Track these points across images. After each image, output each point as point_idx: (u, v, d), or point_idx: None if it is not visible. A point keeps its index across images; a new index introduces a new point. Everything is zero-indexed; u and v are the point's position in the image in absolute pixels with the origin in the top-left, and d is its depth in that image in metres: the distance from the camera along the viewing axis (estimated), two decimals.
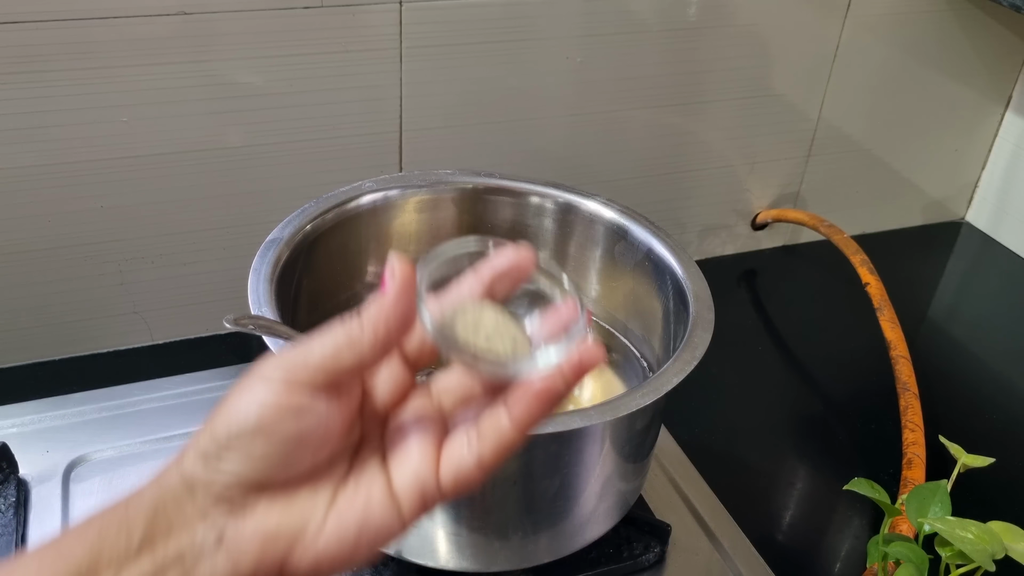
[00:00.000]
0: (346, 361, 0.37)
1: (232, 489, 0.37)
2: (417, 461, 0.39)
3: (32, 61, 0.73)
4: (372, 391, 0.41)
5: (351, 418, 0.39)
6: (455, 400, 0.41)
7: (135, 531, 0.37)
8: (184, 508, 0.37)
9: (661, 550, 0.70)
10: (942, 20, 1.04)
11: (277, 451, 0.37)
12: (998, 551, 0.58)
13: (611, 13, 0.89)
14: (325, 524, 0.38)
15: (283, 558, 0.38)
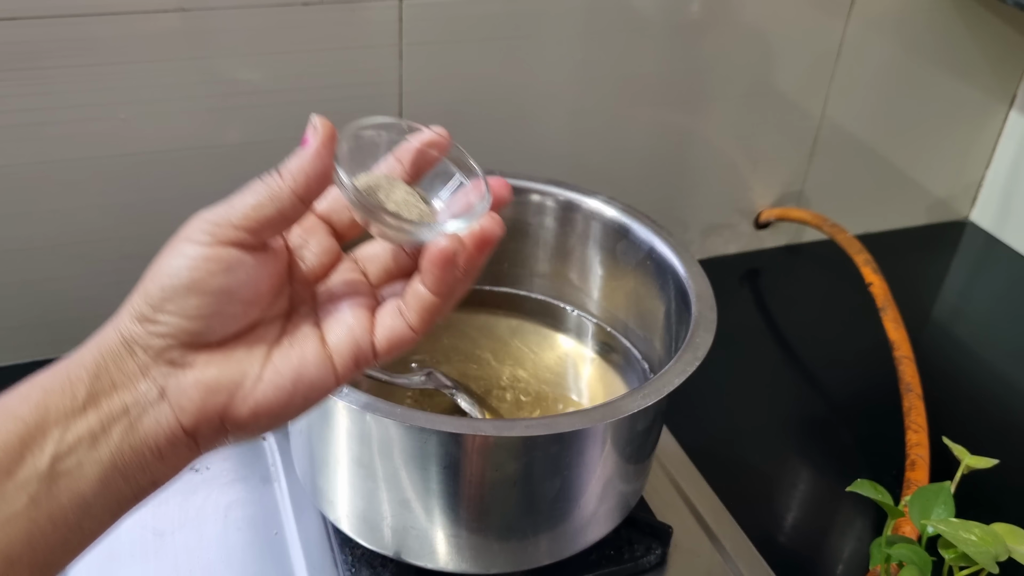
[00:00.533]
0: (267, 212, 0.40)
1: (170, 346, 0.39)
2: (351, 323, 0.42)
3: (30, 57, 0.72)
4: (300, 257, 0.44)
5: (280, 277, 0.42)
6: (379, 269, 0.45)
7: (79, 389, 0.38)
8: (125, 366, 0.39)
9: (662, 552, 0.69)
10: (946, 18, 1.04)
11: (210, 306, 0.39)
12: (1001, 553, 0.57)
13: (613, 10, 0.88)
14: (262, 376, 0.41)
15: (223, 408, 0.40)
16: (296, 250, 0.44)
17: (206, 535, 0.69)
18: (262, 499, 0.72)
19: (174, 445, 0.40)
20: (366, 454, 0.58)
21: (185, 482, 0.73)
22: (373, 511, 0.60)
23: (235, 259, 0.39)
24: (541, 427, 0.54)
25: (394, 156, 0.45)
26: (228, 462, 0.75)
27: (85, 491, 0.38)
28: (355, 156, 0.44)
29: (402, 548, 0.61)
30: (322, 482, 0.63)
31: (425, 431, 0.54)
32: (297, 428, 0.64)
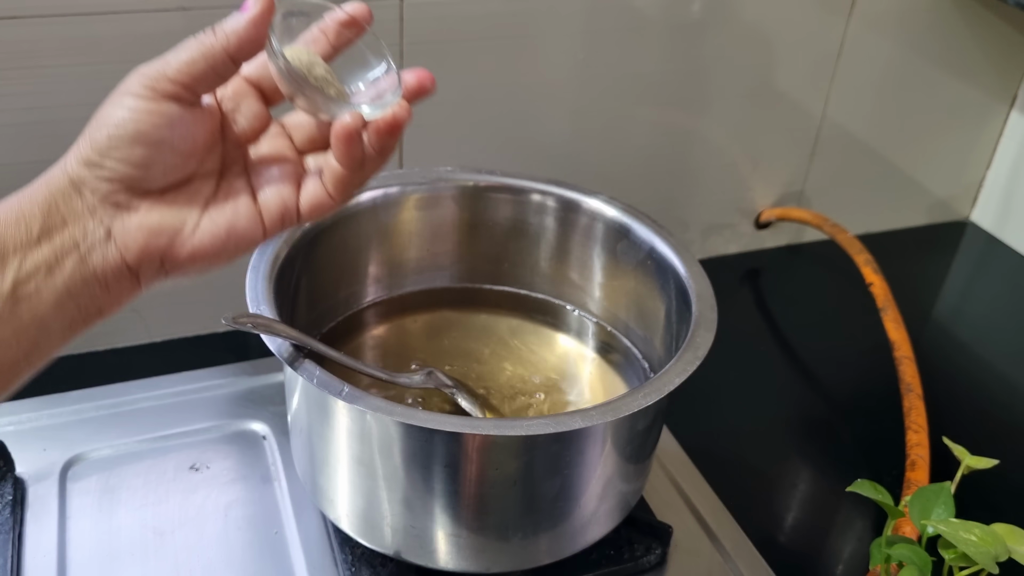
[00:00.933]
0: (200, 68, 0.44)
1: (116, 190, 0.45)
2: (280, 186, 0.48)
3: (32, 56, 0.73)
4: (232, 120, 0.48)
5: (213, 134, 0.47)
6: (304, 137, 0.51)
7: (33, 224, 0.43)
8: (74, 205, 0.44)
9: (662, 552, 0.69)
10: (947, 18, 1.04)
11: (151, 156, 0.44)
12: (1002, 553, 0.57)
13: (614, 10, 0.88)
14: (200, 225, 0.47)
15: (164, 250, 0.46)
16: (228, 113, 0.48)
17: (206, 534, 0.69)
18: (262, 498, 0.72)
19: (119, 279, 0.46)
20: (366, 453, 0.58)
21: (185, 481, 0.73)
22: (373, 510, 0.60)
23: (174, 113, 0.44)
24: (541, 426, 0.54)
25: (319, 28, 0.48)
26: (228, 461, 0.75)
27: (43, 313, 0.43)
28: (286, 30, 0.48)
29: (402, 547, 0.61)
30: (322, 481, 0.63)
31: (425, 430, 0.54)
32: (297, 427, 0.64)
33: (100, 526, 0.69)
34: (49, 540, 0.67)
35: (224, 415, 0.79)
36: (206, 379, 0.82)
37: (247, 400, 0.80)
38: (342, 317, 0.75)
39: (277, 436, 0.77)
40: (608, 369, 0.74)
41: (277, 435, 0.77)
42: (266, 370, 0.83)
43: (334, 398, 0.54)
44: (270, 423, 0.78)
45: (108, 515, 0.70)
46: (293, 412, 0.64)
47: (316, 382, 0.54)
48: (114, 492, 0.71)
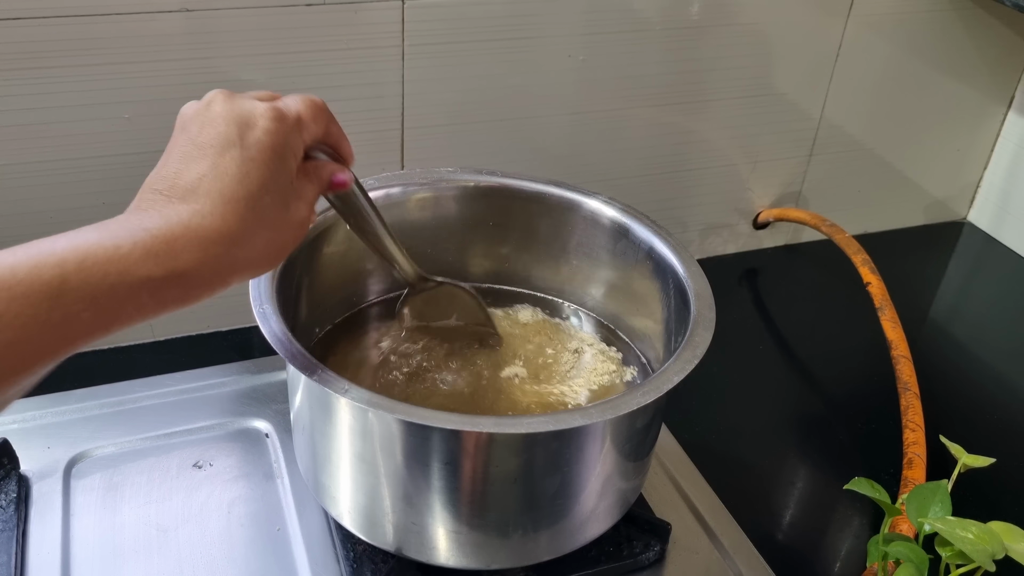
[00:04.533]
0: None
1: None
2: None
3: (35, 57, 0.73)
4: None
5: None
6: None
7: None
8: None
9: (661, 548, 0.70)
10: (945, 20, 1.04)
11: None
12: (998, 551, 0.58)
13: (613, 11, 0.89)
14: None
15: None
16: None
17: (209, 531, 0.69)
18: (265, 495, 0.72)
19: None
20: (368, 450, 0.58)
21: (189, 479, 0.73)
22: (375, 507, 0.61)
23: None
24: (541, 424, 0.54)
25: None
26: (231, 459, 0.75)
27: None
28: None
29: (403, 544, 0.62)
30: (324, 478, 0.63)
31: (426, 428, 0.55)
32: (300, 425, 0.64)
33: (104, 523, 0.69)
34: (53, 537, 0.68)
35: (227, 413, 0.79)
36: (209, 377, 0.83)
37: (250, 398, 0.81)
38: (344, 316, 0.75)
39: (280, 434, 0.77)
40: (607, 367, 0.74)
41: (280, 433, 0.78)
42: (269, 368, 0.84)
43: (336, 396, 0.54)
44: (273, 421, 0.79)
45: (112, 512, 0.70)
46: (295, 410, 0.65)
47: (318, 380, 0.54)
48: (118, 489, 0.72)
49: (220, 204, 0.46)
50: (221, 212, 0.46)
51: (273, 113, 0.49)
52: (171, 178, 0.47)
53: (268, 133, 0.48)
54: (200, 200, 0.45)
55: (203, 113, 0.49)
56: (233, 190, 0.46)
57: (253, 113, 0.49)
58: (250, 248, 0.47)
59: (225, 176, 0.46)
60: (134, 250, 0.42)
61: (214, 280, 0.46)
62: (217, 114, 0.49)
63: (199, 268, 0.44)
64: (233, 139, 0.47)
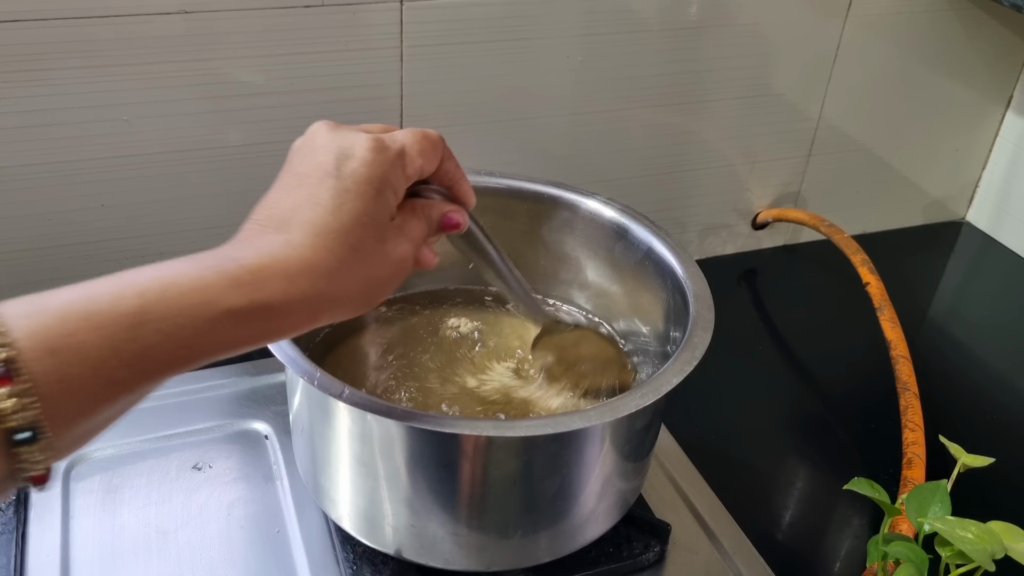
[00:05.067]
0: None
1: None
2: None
3: (33, 60, 0.73)
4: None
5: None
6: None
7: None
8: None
9: (661, 549, 0.70)
10: (943, 20, 1.04)
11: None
12: (998, 551, 0.58)
13: (612, 12, 0.89)
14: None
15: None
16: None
17: (209, 533, 0.69)
18: (264, 497, 0.72)
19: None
20: (367, 453, 0.58)
21: (188, 480, 0.73)
22: (374, 509, 0.61)
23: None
24: (541, 426, 0.54)
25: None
26: (231, 461, 0.75)
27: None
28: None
29: (403, 546, 0.62)
30: (324, 481, 0.63)
31: (426, 431, 0.55)
32: (299, 427, 0.64)
33: (103, 525, 0.69)
34: (53, 539, 0.68)
35: (226, 415, 0.79)
36: (208, 379, 0.83)
37: (249, 400, 0.81)
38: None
39: (279, 436, 0.77)
40: None
41: (279, 435, 0.78)
42: (268, 370, 0.84)
43: (334, 399, 0.54)
44: (272, 423, 0.79)
45: (111, 514, 0.70)
46: (294, 412, 0.65)
47: (317, 384, 0.54)
48: (117, 491, 0.72)
49: (311, 235, 0.44)
50: (311, 243, 0.44)
51: (373, 144, 0.48)
52: (269, 207, 0.46)
53: (365, 164, 0.47)
54: (292, 230, 0.44)
55: (306, 144, 0.49)
56: (325, 221, 0.45)
57: (354, 144, 0.48)
58: (340, 283, 0.45)
59: (318, 207, 0.45)
60: (219, 279, 0.40)
61: (301, 315, 0.44)
62: (318, 144, 0.48)
63: (285, 301, 0.42)
64: (330, 169, 0.47)
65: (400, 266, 0.49)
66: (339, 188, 0.46)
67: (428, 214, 0.52)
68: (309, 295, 0.44)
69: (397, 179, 0.49)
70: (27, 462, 0.35)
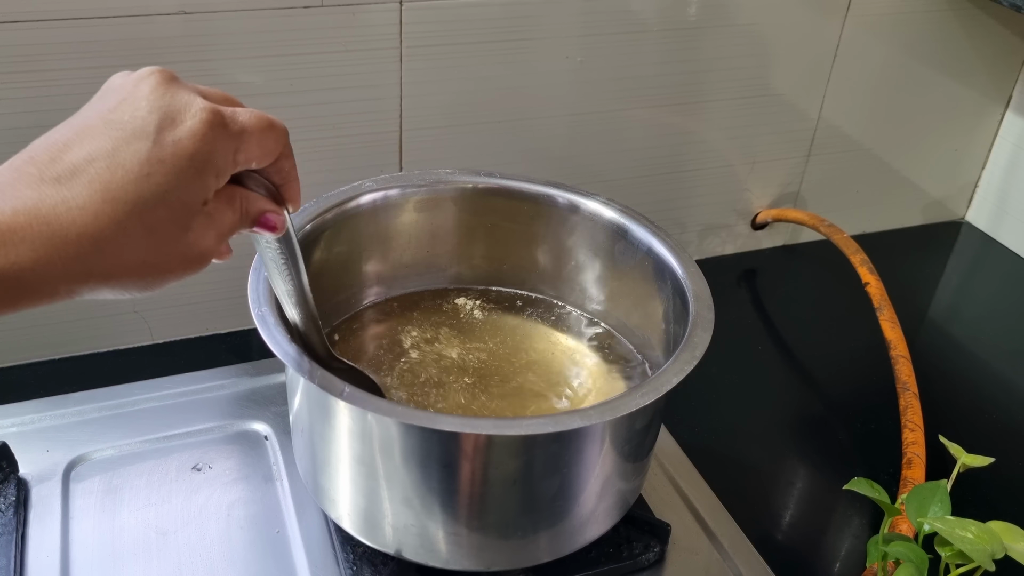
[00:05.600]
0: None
1: None
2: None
3: (33, 60, 0.73)
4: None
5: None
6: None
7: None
8: None
9: (661, 549, 0.70)
10: (942, 20, 1.04)
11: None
12: (998, 551, 0.58)
13: (611, 13, 0.89)
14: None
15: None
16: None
17: (209, 534, 0.69)
18: (264, 498, 0.72)
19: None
20: (367, 453, 0.58)
21: (188, 481, 0.73)
22: (374, 509, 0.61)
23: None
24: (541, 426, 0.54)
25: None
26: (230, 461, 0.75)
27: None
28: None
29: (403, 546, 0.62)
30: (324, 481, 0.63)
31: (426, 430, 0.55)
32: (299, 427, 0.64)
33: (103, 526, 0.69)
34: (52, 541, 0.68)
35: (226, 415, 0.79)
36: (208, 380, 0.83)
37: (249, 400, 0.81)
38: (342, 318, 0.75)
39: (279, 436, 0.77)
40: (606, 369, 0.74)
41: (279, 435, 0.78)
42: (268, 371, 0.84)
43: (335, 398, 0.54)
44: (272, 423, 0.79)
45: (111, 515, 0.70)
46: (294, 412, 0.65)
47: (317, 383, 0.54)
48: (117, 492, 0.72)
49: (99, 199, 0.38)
50: (96, 209, 0.38)
51: (210, 116, 0.41)
52: (56, 149, 0.39)
53: (194, 136, 0.40)
54: (76, 188, 0.38)
55: (129, 88, 0.42)
56: (123, 187, 0.38)
57: (187, 107, 0.41)
58: (116, 262, 0.39)
59: (119, 168, 0.39)
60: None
61: (61, 287, 0.38)
62: (143, 95, 0.41)
63: (45, 269, 0.37)
64: (148, 130, 0.40)
65: (197, 260, 0.43)
66: (153, 154, 0.39)
67: (246, 207, 0.46)
68: (72, 268, 0.38)
69: (225, 163, 0.43)
70: None
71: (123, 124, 0.40)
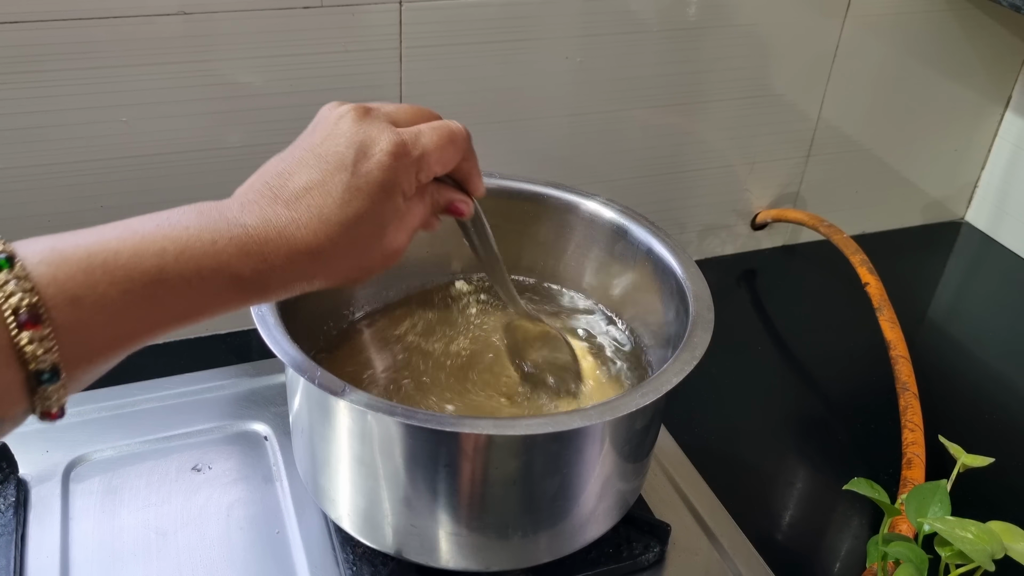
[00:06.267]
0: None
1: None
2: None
3: (32, 61, 0.73)
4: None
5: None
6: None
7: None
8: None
9: (661, 550, 0.70)
10: (942, 20, 1.04)
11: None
12: (998, 551, 0.58)
13: (611, 13, 0.89)
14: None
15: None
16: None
17: (208, 534, 0.69)
18: (264, 498, 0.72)
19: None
20: (367, 453, 0.58)
21: (187, 482, 0.73)
22: (374, 510, 0.61)
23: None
24: (540, 426, 0.54)
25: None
26: (230, 462, 0.75)
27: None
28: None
29: (403, 546, 0.62)
30: (323, 481, 0.63)
31: (426, 430, 0.55)
32: (299, 428, 0.64)
33: (103, 527, 0.69)
34: (52, 541, 0.68)
35: (226, 416, 0.79)
36: (208, 380, 0.83)
37: (249, 401, 0.81)
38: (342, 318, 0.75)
39: (279, 436, 0.77)
40: (606, 369, 0.74)
41: (279, 435, 0.78)
42: (268, 371, 0.84)
43: (335, 399, 0.54)
44: (272, 424, 0.79)
45: (111, 516, 0.70)
46: (294, 413, 0.65)
47: (317, 383, 0.54)
48: (117, 493, 0.72)
49: (317, 221, 0.46)
50: (315, 228, 0.46)
51: (394, 148, 0.49)
52: (281, 177, 0.47)
53: (381, 168, 0.48)
54: (300, 211, 0.46)
55: (332, 125, 0.50)
56: (332, 212, 0.47)
57: (375, 142, 0.49)
58: (333, 266, 0.48)
59: (328, 196, 0.47)
60: (230, 247, 0.43)
61: (291, 286, 0.47)
62: (342, 131, 0.49)
63: (282, 274, 0.46)
64: (347, 163, 0.48)
65: (391, 257, 0.51)
66: (351, 184, 0.47)
67: (435, 198, 0.55)
68: (303, 274, 0.47)
69: (409, 184, 0.51)
70: (43, 400, 0.39)
71: (328, 157, 0.48)
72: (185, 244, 0.42)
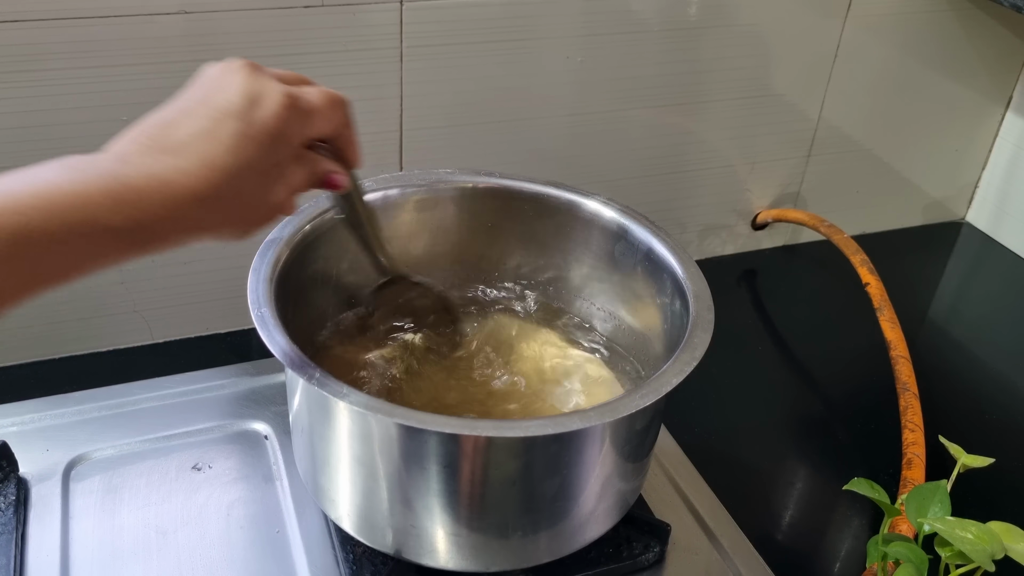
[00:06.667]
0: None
1: None
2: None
3: (33, 60, 0.73)
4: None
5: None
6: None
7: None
8: None
9: (661, 550, 0.70)
10: (943, 20, 1.04)
11: None
12: (998, 551, 0.58)
13: (611, 13, 0.89)
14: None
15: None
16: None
17: (209, 534, 0.69)
18: (264, 498, 0.72)
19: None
20: (367, 453, 0.58)
21: (188, 481, 0.73)
22: (374, 510, 0.61)
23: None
24: (540, 427, 0.54)
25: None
26: (230, 461, 0.75)
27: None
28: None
29: (403, 546, 0.62)
30: (324, 481, 0.63)
31: (426, 431, 0.55)
32: (299, 427, 0.64)
33: (103, 526, 0.69)
34: (52, 540, 0.68)
35: (226, 415, 0.79)
36: (208, 380, 0.83)
37: (249, 400, 0.81)
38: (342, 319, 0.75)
39: (279, 436, 0.77)
40: (606, 369, 0.74)
41: (279, 435, 0.78)
42: (268, 371, 0.84)
43: (335, 399, 0.54)
44: (272, 423, 0.79)
45: (111, 515, 0.70)
46: (294, 412, 0.65)
47: (317, 383, 0.54)
48: (117, 492, 0.72)
49: (204, 167, 0.46)
50: (202, 175, 0.46)
51: (286, 99, 0.50)
52: (165, 126, 0.47)
53: (274, 117, 0.49)
54: (187, 157, 0.46)
55: (221, 77, 0.50)
56: (220, 158, 0.47)
57: (268, 93, 0.49)
58: (217, 215, 0.48)
59: (217, 142, 0.47)
60: (103, 199, 0.43)
61: (176, 237, 0.47)
62: (233, 82, 0.49)
63: (163, 223, 0.45)
64: (239, 111, 0.48)
65: (274, 210, 0.52)
66: (241, 131, 0.48)
67: (314, 168, 0.55)
68: (188, 223, 0.47)
69: (296, 136, 0.51)
70: None
71: (218, 106, 0.48)
72: (50, 199, 0.41)
